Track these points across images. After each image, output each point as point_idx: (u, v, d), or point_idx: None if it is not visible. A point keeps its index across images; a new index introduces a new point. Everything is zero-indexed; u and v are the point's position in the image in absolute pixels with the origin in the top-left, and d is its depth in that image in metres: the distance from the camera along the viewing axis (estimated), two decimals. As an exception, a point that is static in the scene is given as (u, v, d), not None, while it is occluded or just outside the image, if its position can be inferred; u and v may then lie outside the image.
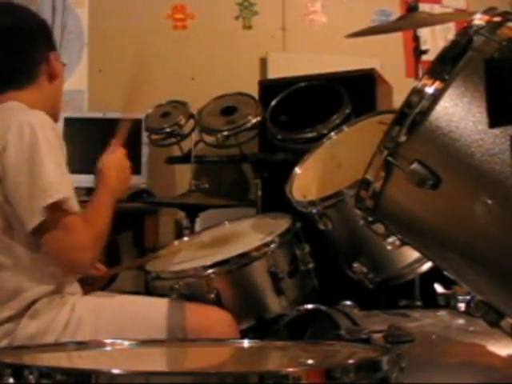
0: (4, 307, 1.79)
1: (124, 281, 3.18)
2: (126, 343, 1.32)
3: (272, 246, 2.01)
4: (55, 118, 1.94)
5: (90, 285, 2.10)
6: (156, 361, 1.31)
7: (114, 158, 1.98)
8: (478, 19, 1.23)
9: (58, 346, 1.38)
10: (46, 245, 1.76)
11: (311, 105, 2.95)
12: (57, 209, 1.73)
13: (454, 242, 1.27)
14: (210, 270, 1.96)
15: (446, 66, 1.21)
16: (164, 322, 1.83)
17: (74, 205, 1.77)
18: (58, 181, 1.74)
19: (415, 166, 1.22)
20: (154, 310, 1.88)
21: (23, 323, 1.78)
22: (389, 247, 1.41)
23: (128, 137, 2.08)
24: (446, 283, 1.70)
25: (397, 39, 3.83)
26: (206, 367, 1.24)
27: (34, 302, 1.80)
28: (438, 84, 1.21)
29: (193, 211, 3.02)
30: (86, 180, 1.88)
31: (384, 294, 1.98)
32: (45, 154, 1.74)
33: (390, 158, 1.25)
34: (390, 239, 1.40)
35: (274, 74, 3.79)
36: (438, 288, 1.76)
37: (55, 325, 1.79)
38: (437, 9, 3.99)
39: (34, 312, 1.80)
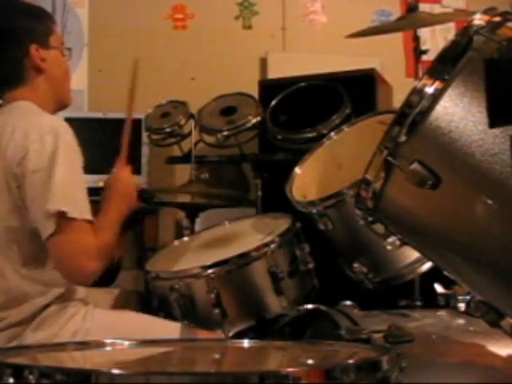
0: (13, 311, 1.79)
1: (124, 281, 3.17)
2: (126, 343, 1.32)
3: (272, 246, 2.01)
4: (65, 103, 1.95)
5: None
6: (156, 361, 1.31)
7: (121, 176, 1.97)
8: (478, 19, 1.23)
9: (57, 346, 1.38)
10: (53, 249, 1.75)
11: (311, 105, 2.94)
12: (63, 217, 1.73)
13: (453, 241, 1.27)
14: (210, 270, 1.96)
15: (446, 66, 1.21)
16: None
17: (83, 213, 1.77)
18: (64, 192, 1.74)
19: (415, 166, 1.22)
20: (164, 335, 1.85)
21: (31, 329, 1.78)
22: (389, 247, 1.42)
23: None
24: (446, 283, 1.70)
25: (397, 39, 3.82)
26: (205, 367, 1.24)
27: (44, 308, 1.80)
28: (438, 84, 1.21)
29: (193, 211, 3.02)
30: (86, 180, 1.88)
31: (384, 294, 1.98)
32: (60, 165, 1.75)
33: (389, 158, 1.25)
34: (390, 239, 1.41)
35: (273, 74, 3.79)
36: (438, 288, 1.76)
37: (63, 333, 1.79)
38: (437, 9, 3.99)
39: (42, 319, 1.80)
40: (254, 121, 3.10)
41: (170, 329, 1.90)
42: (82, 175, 1.81)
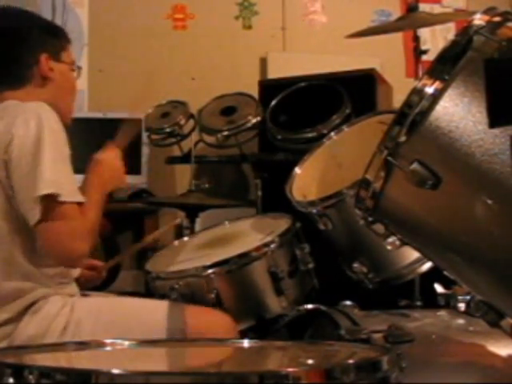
0: (2, 309, 1.78)
1: (124, 281, 3.18)
2: (126, 343, 1.32)
3: (272, 246, 2.01)
4: (62, 120, 1.90)
5: (88, 282, 2.11)
6: (156, 361, 1.31)
7: (107, 156, 1.98)
8: (478, 19, 1.23)
9: (57, 346, 1.38)
10: (43, 235, 1.74)
11: (311, 105, 2.94)
12: (52, 200, 1.72)
13: (453, 241, 1.27)
14: (210, 270, 1.96)
15: (445, 66, 1.21)
16: (164, 325, 1.82)
17: (70, 195, 1.76)
18: (53, 176, 1.73)
19: (415, 166, 1.22)
20: (153, 313, 1.86)
21: (22, 325, 1.77)
22: (389, 247, 1.41)
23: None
24: (446, 283, 1.70)
25: (397, 39, 3.82)
26: (206, 367, 1.24)
27: (32, 304, 1.80)
28: (438, 84, 1.21)
29: (193, 211, 3.02)
30: (85, 180, 1.89)
31: (384, 294, 1.98)
32: (46, 149, 1.74)
33: (389, 158, 1.25)
34: (390, 239, 1.41)
35: (273, 74, 3.79)
36: (438, 288, 1.76)
37: (54, 327, 1.79)
38: (437, 9, 3.99)
39: (32, 314, 1.79)
40: (254, 121, 3.10)
41: (157, 307, 1.90)
42: (68, 158, 1.80)
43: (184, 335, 1.82)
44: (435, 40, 3.78)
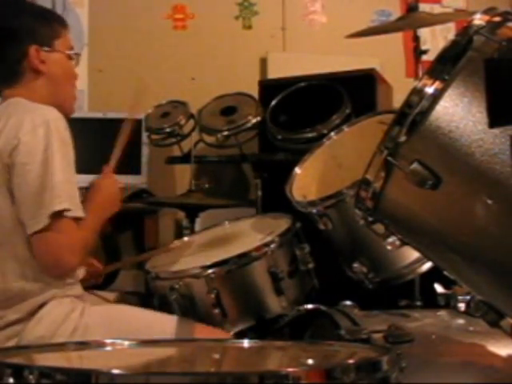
0: (12, 310, 1.78)
1: (124, 280, 3.18)
2: (126, 343, 1.32)
3: (272, 245, 2.01)
4: (64, 109, 1.88)
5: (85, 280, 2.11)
6: (156, 361, 1.31)
7: (105, 183, 1.97)
8: (478, 19, 1.24)
9: (58, 346, 1.38)
10: (37, 244, 1.75)
11: (311, 105, 2.94)
12: (58, 215, 1.73)
13: (453, 241, 1.27)
14: (210, 270, 1.96)
15: (445, 66, 1.21)
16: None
17: (76, 211, 1.77)
18: (66, 189, 1.74)
19: (415, 166, 1.22)
20: (162, 328, 1.86)
21: (30, 326, 1.77)
22: (389, 247, 1.42)
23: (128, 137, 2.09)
24: (446, 283, 1.70)
25: (397, 39, 3.82)
26: (205, 367, 1.24)
27: (42, 306, 1.80)
28: (438, 84, 1.21)
29: (193, 211, 3.02)
30: (85, 180, 1.88)
31: (384, 294, 1.98)
32: (57, 160, 1.74)
33: (389, 158, 1.25)
34: (390, 239, 1.41)
35: (273, 74, 3.79)
36: (438, 288, 1.76)
37: (62, 330, 1.78)
38: (437, 9, 3.99)
39: (41, 315, 1.79)
40: (254, 121, 3.10)
41: (166, 321, 1.90)
42: (74, 169, 1.81)
43: None
44: (435, 40, 3.78)
